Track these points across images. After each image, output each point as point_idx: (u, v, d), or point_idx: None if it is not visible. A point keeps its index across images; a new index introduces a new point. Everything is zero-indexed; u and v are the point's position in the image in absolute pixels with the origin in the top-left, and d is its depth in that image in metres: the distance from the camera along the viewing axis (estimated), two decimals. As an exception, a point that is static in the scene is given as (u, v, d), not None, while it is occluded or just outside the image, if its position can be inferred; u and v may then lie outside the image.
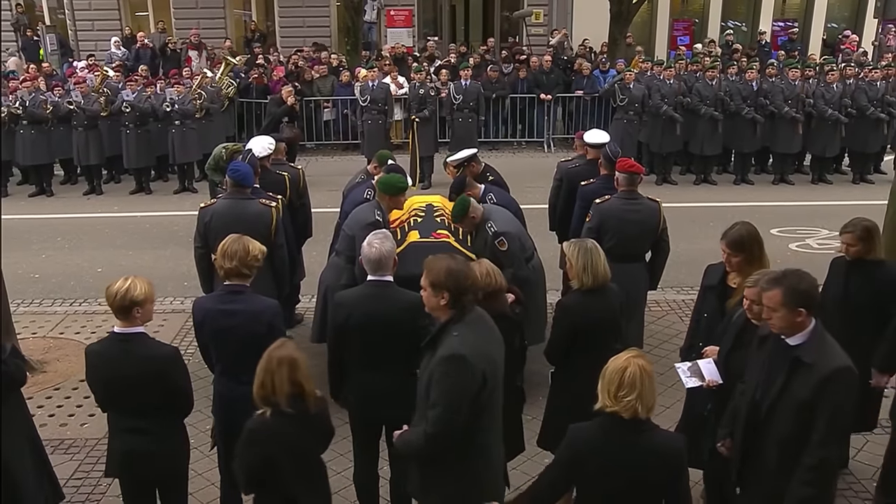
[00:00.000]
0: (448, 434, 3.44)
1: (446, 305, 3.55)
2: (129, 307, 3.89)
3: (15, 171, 13.14)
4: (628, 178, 6.01)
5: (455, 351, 3.42)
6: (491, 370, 3.50)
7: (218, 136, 12.45)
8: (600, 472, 3.13)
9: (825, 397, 3.29)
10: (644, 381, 3.07)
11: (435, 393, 3.43)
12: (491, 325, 3.69)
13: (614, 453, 3.11)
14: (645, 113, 13.02)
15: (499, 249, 5.68)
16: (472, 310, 3.61)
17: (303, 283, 7.51)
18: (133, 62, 16.20)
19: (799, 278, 3.41)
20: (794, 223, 10.73)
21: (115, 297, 3.89)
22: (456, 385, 3.40)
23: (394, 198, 5.84)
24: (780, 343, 3.50)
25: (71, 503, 5.01)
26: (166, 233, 10.54)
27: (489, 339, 3.61)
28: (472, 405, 3.43)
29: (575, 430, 3.20)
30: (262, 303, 4.32)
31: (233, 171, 5.96)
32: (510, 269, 5.48)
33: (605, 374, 3.14)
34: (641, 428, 3.10)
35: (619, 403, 3.07)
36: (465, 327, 3.53)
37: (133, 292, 3.88)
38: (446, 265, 3.58)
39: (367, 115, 13.04)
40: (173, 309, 7.97)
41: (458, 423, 3.42)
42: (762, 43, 18.81)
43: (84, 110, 12.43)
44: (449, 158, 7.29)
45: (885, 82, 13.06)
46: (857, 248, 4.74)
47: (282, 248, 5.98)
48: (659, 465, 3.12)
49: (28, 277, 8.89)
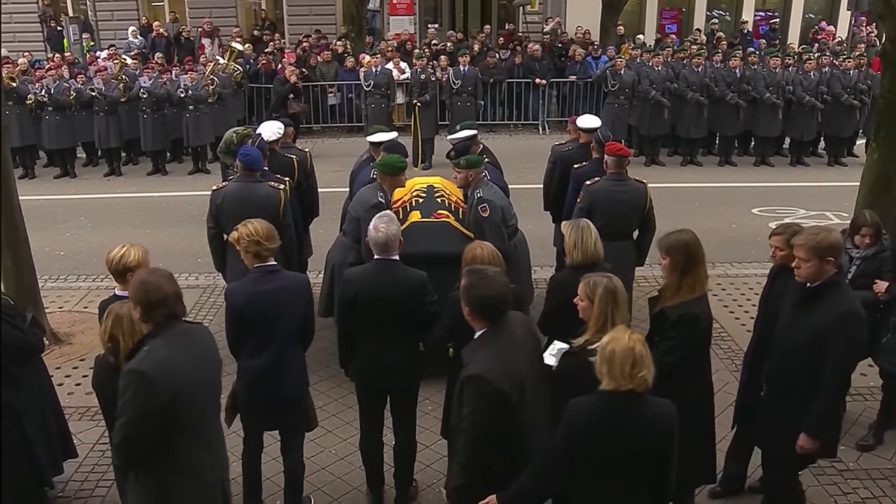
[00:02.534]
0: (126, 447, 3.18)
1: (139, 318, 3.27)
2: (123, 272, 4.11)
3: (41, 155, 13.14)
4: (616, 160, 6.03)
5: (133, 366, 3.13)
6: (183, 390, 3.15)
7: (229, 120, 12.44)
8: (601, 444, 3.09)
9: (838, 330, 3.70)
10: (647, 355, 3.07)
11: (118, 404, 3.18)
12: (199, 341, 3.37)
13: (616, 424, 3.07)
14: (635, 98, 12.99)
15: (480, 215, 5.69)
16: (174, 325, 3.26)
17: (310, 260, 7.50)
18: (149, 50, 16.09)
19: (828, 232, 3.81)
20: (773, 203, 10.72)
21: (111, 262, 4.16)
22: (132, 400, 3.09)
23: (394, 177, 5.81)
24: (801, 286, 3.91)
25: (98, 465, 5.07)
26: (181, 212, 10.52)
27: (185, 357, 3.23)
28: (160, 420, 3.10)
29: (574, 405, 3.14)
30: (296, 278, 4.37)
31: (243, 156, 5.96)
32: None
33: (615, 357, 3.03)
34: (641, 398, 3.07)
35: (636, 380, 3.02)
36: (162, 342, 3.19)
37: (127, 258, 4.13)
38: (138, 279, 3.31)
39: (371, 99, 13.10)
40: (188, 285, 7.95)
41: (135, 437, 3.13)
42: (744, 32, 18.66)
43: (104, 96, 12.42)
44: (450, 136, 7.24)
45: (857, 71, 13.01)
46: (784, 252, 4.25)
47: (290, 227, 5.95)
48: (657, 431, 3.11)
49: (54, 255, 8.89)
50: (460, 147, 6.32)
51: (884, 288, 4.97)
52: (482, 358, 3.30)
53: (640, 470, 3.16)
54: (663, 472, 3.21)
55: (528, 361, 3.42)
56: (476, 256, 4.06)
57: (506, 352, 3.34)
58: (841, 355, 3.72)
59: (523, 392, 3.29)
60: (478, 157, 6.01)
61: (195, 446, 3.29)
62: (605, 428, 3.08)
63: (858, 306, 3.80)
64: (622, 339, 3.06)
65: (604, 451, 3.10)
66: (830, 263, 3.77)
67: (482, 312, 3.40)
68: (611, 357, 3.04)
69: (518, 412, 3.29)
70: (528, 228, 6.62)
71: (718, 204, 10.81)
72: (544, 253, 7.57)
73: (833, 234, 3.85)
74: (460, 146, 6.34)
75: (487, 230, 5.62)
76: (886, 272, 5.04)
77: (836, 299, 3.79)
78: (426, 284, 4.29)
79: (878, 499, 4.76)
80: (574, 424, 3.13)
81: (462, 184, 5.99)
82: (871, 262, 5.11)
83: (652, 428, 3.10)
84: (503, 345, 3.35)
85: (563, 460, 3.24)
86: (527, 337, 3.54)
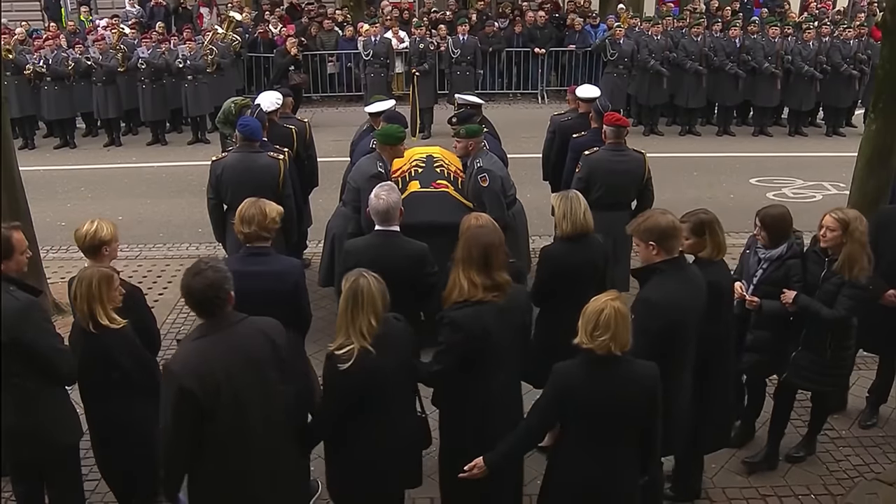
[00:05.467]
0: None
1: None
2: (98, 246, 3.95)
3: (41, 125, 13.04)
4: (615, 131, 5.99)
5: None
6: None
7: (228, 90, 12.27)
8: (586, 404, 3.17)
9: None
10: (619, 321, 3.07)
11: None
12: None
13: (597, 385, 3.14)
14: (634, 67, 12.86)
15: (480, 185, 5.67)
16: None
17: (310, 230, 7.49)
18: (148, 20, 15.89)
19: (656, 216, 3.69)
20: (771, 173, 10.68)
21: (84, 238, 3.95)
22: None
23: (394, 147, 5.76)
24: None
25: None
26: (181, 182, 10.47)
27: None
28: None
29: (559, 368, 3.22)
30: (286, 263, 4.18)
31: (242, 127, 5.92)
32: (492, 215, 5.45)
33: (585, 314, 3.12)
34: (619, 361, 3.13)
35: (595, 342, 3.08)
36: None
37: (101, 233, 3.95)
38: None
39: (370, 69, 12.99)
40: (189, 255, 7.95)
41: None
42: (745, 1, 18.41)
43: (102, 66, 12.29)
44: (458, 95, 7.06)
45: (857, 41, 12.87)
46: (690, 241, 3.98)
47: (289, 198, 5.91)
48: (638, 391, 3.18)
49: (55, 225, 8.85)
50: (463, 115, 6.27)
51: (791, 298, 4.32)
52: (182, 350, 3.19)
53: (626, 431, 3.24)
54: (648, 436, 3.30)
55: (242, 367, 3.10)
56: (472, 227, 4.03)
57: (211, 351, 3.08)
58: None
59: (219, 397, 3.02)
60: (478, 127, 5.97)
61: None
62: (587, 389, 3.15)
63: (658, 296, 3.56)
64: (597, 301, 3.13)
65: (588, 411, 3.18)
66: (652, 247, 3.62)
67: (191, 306, 3.23)
68: (583, 313, 3.14)
69: (214, 420, 3.04)
70: (526, 198, 6.60)
71: (716, 174, 10.77)
72: (543, 223, 7.53)
73: (662, 217, 3.65)
74: (463, 114, 6.29)
75: (486, 200, 5.60)
76: (795, 281, 4.39)
77: (646, 286, 3.66)
78: (426, 256, 4.28)
79: (869, 465, 4.82)
80: (559, 387, 3.22)
81: (462, 153, 5.95)
82: (778, 267, 4.43)
83: (632, 389, 3.16)
84: (212, 343, 3.11)
85: (550, 422, 3.34)
86: (255, 342, 3.19)
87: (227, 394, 3.04)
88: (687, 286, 3.67)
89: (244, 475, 3.16)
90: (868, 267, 4.26)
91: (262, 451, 3.17)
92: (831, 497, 4.56)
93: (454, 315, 3.44)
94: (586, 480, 3.26)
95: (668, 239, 3.63)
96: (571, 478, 3.31)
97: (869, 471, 4.75)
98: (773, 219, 4.41)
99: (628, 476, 3.31)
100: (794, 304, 4.31)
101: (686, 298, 3.64)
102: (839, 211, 4.34)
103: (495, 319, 3.45)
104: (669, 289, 3.60)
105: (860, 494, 4.50)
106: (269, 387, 3.18)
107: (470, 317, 3.42)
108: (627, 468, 3.30)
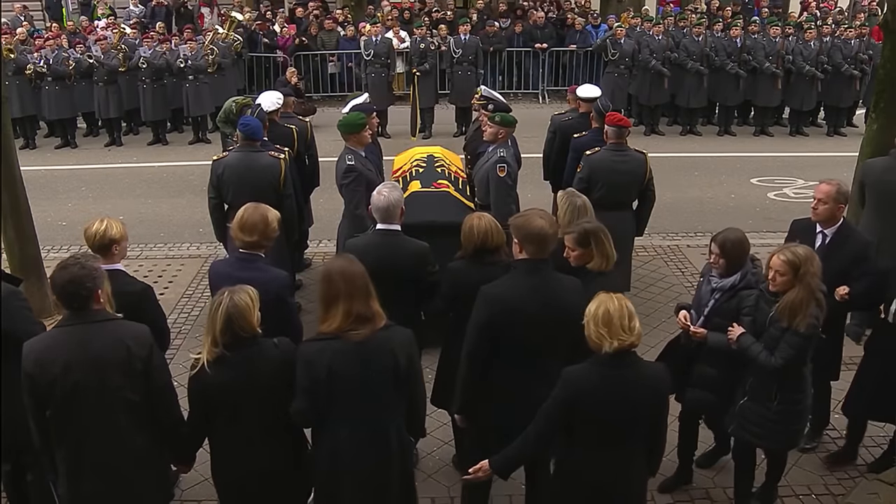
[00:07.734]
0: None
1: None
2: (108, 245, 3.91)
3: (42, 125, 13.03)
4: (616, 131, 5.99)
5: None
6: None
7: (229, 90, 12.29)
8: (599, 408, 3.13)
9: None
10: (633, 309, 3.11)
11: None
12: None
13: (611, 388, 3.11)
14: (635, 67, 12.86)
15: (497, 174, 5.67)
16: None
17: (311, 229, 7.48)
18: (149, 19, 15.90)
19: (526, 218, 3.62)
20: (772, 173, 10.67)
21: (94, 237, 3.91)
22: None
23: (356, 135, 5.73)
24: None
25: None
26: (182, 181, 10.47)
27: None
28: None
29: (570, 372, 3.19)
30: (271, 273, 4.02)
31: (243, 126, 5.91)
32: (496, 207, 5.47)
33: (611, 317, 3.03)
34: (633, 360, 3.12)
35: (634, 334, 3.05)
36: None
37: (111, 232, 3.91)
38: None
39: (371, 68, 12.94)
40: (190, 254, 7.96)
41: None
42: (746, 1, 18.40)
43: (103, 66, 12.29)
44: (484, 88, 7.01)
45: (858, 41, 12.85)
46: (576, 252, 3.85)
47: (290, 197, 5.91)
48: (650, 393, 3.16)
49: (56, 225, 8.85)
50: (499, 104, 6.30)
51: (736, 336, 3.88)
52: (40, 336, 3.32)
53: (635, 434, 3.22)
54: (655, 436, 3.29)
55: (85, 365, 3.13)
56: (474, 227, 4.01)
57: (59, 343, 3.18)
58: None
59: (54, 387, 3.12)
60: (513, 118, 5.99)
61: None
62: (602, 392, 3.11)
63: (492, 291, 3.53)
64: (609, 302, 3.09)
65: (600, 415, 3.14)
66: (517, 245, 3.57)
67: (55, 298, 3.26)
68: (607, 317, 3.05)
69: (51, 409, 3.16)
70: (527, 198, 6.57)
71: (717, 174, 10.76)
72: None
73: (536, 220, 3.54)
74: (500, 104, 6.34)
75: (495, 189, 5.60)
76: (745, 314, 3.96)
77: (496, 280, 3.64)
78: (428, 255, 4.27)
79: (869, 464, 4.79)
80: (571, 392, 3.17)
81: (490, 138, 5.93)
82: (730, 298, 4.04)
83: (641, 390, 3.15)
84: (63, 334, 3.20)
85: (557, 427, 3.28)
86: (107, 343, 3.19)
87: (62, 386, 3.12)
88: (527, 291, 3.53)
89: (79, 468, 3.25)
90: (817, 312, 3.74)
91: (95, 449, 3.22)
92: (832, 497, 4.55)
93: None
94: (599, 485, 3.24)
95: (533, 242, 3.52)
96: (583, 481, 3.28)
97: (870, 471, 4.73)
98: (732, 244, 4.01)
99: (638, 476, 3.32)
100: (737, 342, 3.88)
101: (516, 300, 3.50)
102: (788, 251, 3.76)
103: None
104: (506, 286, 3.56)
105: (861, 494, 4.48)
106: (109, 389, 3.17)
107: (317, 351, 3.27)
108: (638, 468, 3.30)
